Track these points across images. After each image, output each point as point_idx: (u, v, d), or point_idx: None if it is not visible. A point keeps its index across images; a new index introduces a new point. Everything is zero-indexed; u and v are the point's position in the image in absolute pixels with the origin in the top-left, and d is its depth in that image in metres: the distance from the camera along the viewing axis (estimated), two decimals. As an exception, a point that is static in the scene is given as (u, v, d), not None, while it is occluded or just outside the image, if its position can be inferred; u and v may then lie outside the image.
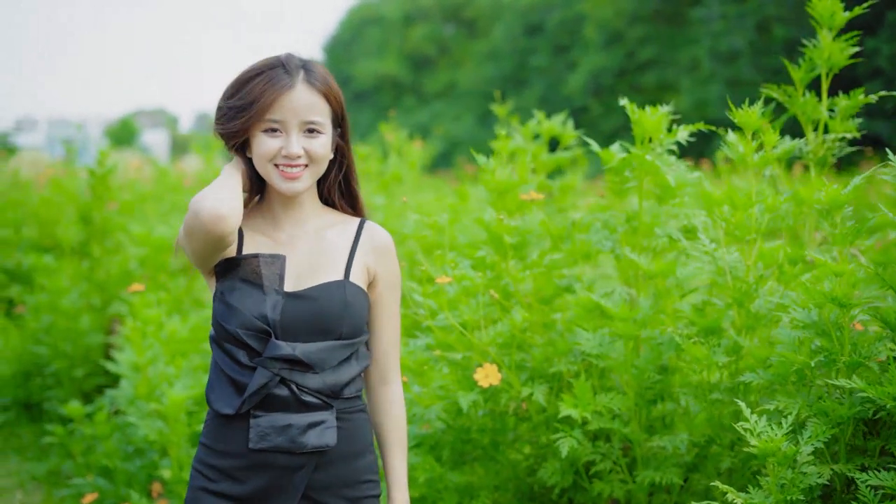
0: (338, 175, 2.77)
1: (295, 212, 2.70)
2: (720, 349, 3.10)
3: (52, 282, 7.08)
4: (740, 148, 3.13)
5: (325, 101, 2.62)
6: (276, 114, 2.58)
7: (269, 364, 2.52)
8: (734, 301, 3.16)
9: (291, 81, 2.59)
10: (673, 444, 3.21)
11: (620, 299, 3.37)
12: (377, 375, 2.76)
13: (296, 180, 2.60)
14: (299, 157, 2.59)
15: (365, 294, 2.65)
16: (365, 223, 2.76)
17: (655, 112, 3.46)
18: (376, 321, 2.74)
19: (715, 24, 21.98)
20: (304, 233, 2.68)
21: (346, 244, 2.69)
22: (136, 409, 4.84)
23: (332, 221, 2.73)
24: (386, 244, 2.73)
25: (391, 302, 2.74)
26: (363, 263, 2.67)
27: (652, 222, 3.47)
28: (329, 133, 2.64)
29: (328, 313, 2.56)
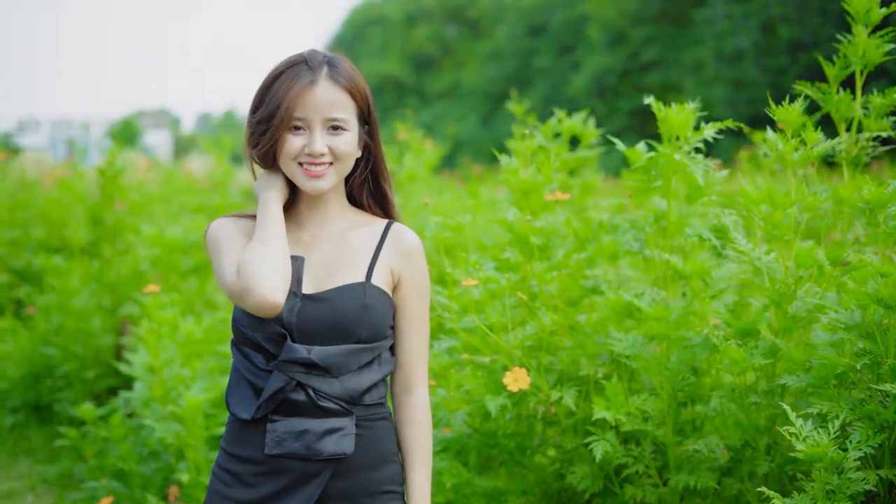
0: (364, 173, 2.69)
1: (320, 212, 2.63)
2: (758, 351, 3.03)
3: (63, 282, 7.01)
4: (779, 146, 3.06)
5: (349, 97, 2.55)
6: (300, 111, 2.52)
7: (284, 367, 2.46)
8: (771, 302, 3.10)
9: (314, 77, 2.53)
10: (708, 447, 3.14)
11: (653, 300, 3.30)
12: (401, 383, 2.66)
13: (319, 178, 2.53)
14: (323, 154, 2.52)
15: (388, 297, 2.56)
16: (392, 225, 2.67)
17: (683, 110, 3.40)
18: (401, 326, 2.63)
19: (719, 25, 21.93)
20: (329, 234, 2.61)
21: (370, 246, 2.61)
22: (152, 412, 4.77)
23: (358, 223, 2.66)
24: (412, 246, 2.63)
25: (417, 306, 2.64)
26: (387, 266, 2.58)
27: (681, 222, 3.40)
28: (355, 130, 2.56)
29: (346, 316, 2.48)
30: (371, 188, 2.72)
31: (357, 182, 2.69)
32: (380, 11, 43.28)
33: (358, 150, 2.59)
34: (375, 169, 2.70)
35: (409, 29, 41.61)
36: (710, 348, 3.19)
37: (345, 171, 2.57)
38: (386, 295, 2.56)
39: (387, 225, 2.66)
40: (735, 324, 3.17)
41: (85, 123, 11.20)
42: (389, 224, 2.66)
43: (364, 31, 43.09)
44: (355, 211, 2.69)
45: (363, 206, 2.72)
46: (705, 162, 3.40)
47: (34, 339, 7.17)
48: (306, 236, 2.60)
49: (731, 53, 21.38)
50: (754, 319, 3.14)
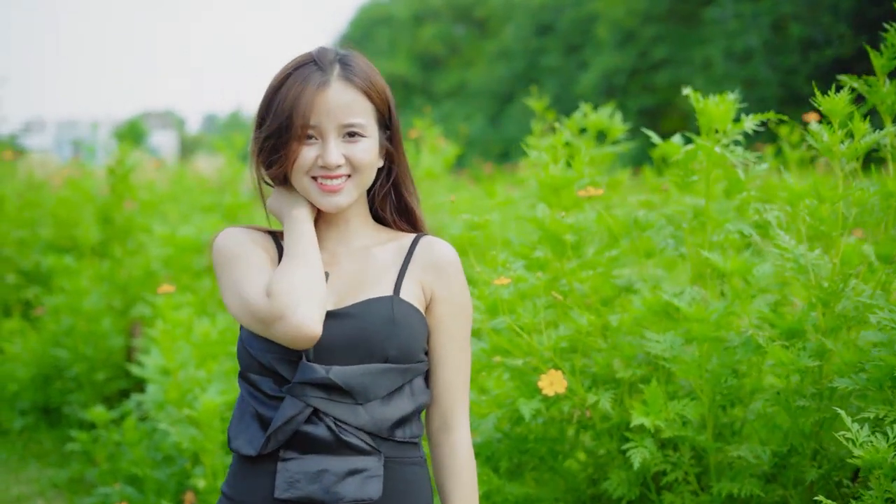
0: (386, 185, 2.38)
1: (340, 229, 2.33)
2: (805, 352, 2.89)
3: (73, 283, 6.89)
4: (825, 137, 2.92)
5: (366, 99, 2.25)
6: (311, 118, 2.21)
7: (299, 391, 2.13)
8: (818, 301, 2.96)
9: (325, 78, 2.23)
10: (754, 453, 3.00)
11: (692, 299, 3.17)
12: (438, 419, 2.31)
13: (337, 193, 2.23)
14: (339, 166, 2.22)
15: (420, 314, 2.25)
16: (421, 237, 2.35)
17: (723, 101, 3.27)
18: (437, 351, 2.29)
19: (729, 24, 21.79)
20: (350, 251, 2.32)
21: (397, 260, 2.30)
22: (166, 415, 4.65)
23: (383, 238, 2.36)
24: (446, 259, 2.30)
25: (456, 328, 2.30)
26: (417, 280, 2.27)
27: (721, 218, 3.27)
28: (374, 137, 2.27)
29: (372, 332, 2.16)
30: (394, 202, 2.41)
31: (379, 195, 2.39)
32: (387, 11, 43.18)
33: (379, 159, 2.32)
34: (399, 180, 2.39)
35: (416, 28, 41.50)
36: (754, 349, 3.05)
37: (365, 184, 2.28)
38: (417, 312, 2.25)
39: (415, 238, 2.35)
40: (780, 324, 3.03)
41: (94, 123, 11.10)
42: (418, 237, 2.36)
43: (371, 31, 42.99)
44: (380, 228, 2.40)
45: (388, 222, 2.42)
46: (745, 155, 3.27)
47: (43, 341, 7.06)
48: (325, 255, 2.31)
49: (741, 52, 21.25)
50: (801, 319, 3.00)
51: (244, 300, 2.14)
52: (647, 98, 25.41)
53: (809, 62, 19.57)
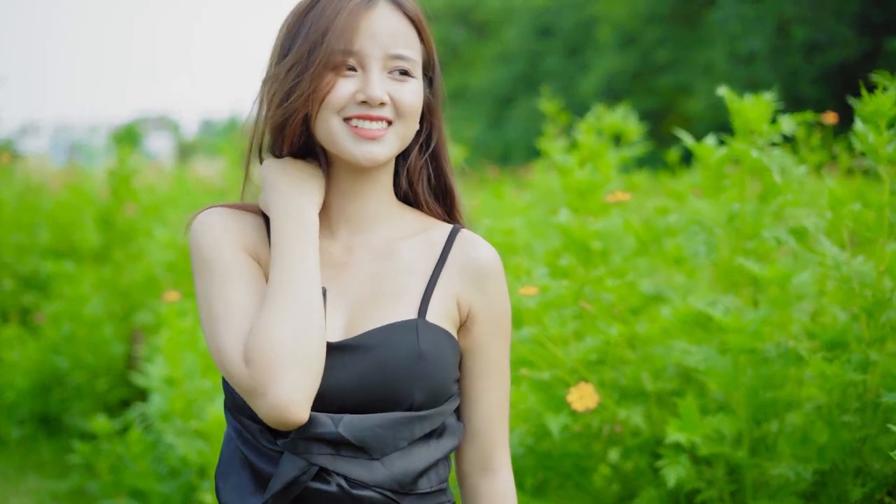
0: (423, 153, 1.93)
1: (357, 209, 1.87)
2: (850, 365, 2.75)
3: (73, 289, 6.74)
4: (870, 138, 2.78)
5: (415, 32, 1.85)
6: (352, 42, 1.77)
7: (301, 448, 1.72)
8: (862, 311, 2.81)
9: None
10: (795, 470, 2.86)
11: (727, 309, 3.03)
12: (475, 459, 1.93)
13: (375, 141, 1.78)
14: (383, 104, 1.78)
15: (452, 340, 1.83)
16: (459, 232, 1.89)
17: (759, 102, 3.14)
18: (474, 379, 1.89)
19: (732, 26, 21.70)
20: (369, 245, 1.87)
21: (428, 264, 1.86)
22: (171, 426, 4.50)
23: (411, 228, 1.91)
24: (489, 265, 1.87)
25: (497, 351, 1.89)
26: (451, 293, 1.84)
27: (757, 224, 3.13)
28: (420, 81, 1.85)
29: (392, 374, 1.74)
30: (431, 176, 1.95)
31: (413, 166, 1.93)
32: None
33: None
34: (438, 149, 1.94)
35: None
36: (793, 361, 2.91)
37: (406, 139, 1.84)
38: (449, 337, 1.82)
39: (451, 232, 1.89)
40: (822, 335, 2.89)
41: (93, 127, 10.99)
42: (455, 231, 1.90)
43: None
44: (407, 209, 1.94)
45: (419, 202, 1.95)
46: (782, 157, 3.13)
47: (43, 349, 6.90)
48: (337, 249, 1.87)
49: (744, 55, 21.16)
50: (844, 330, 2.86)
51: (220, 358, 1.72)
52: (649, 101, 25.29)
53: (813, 65, 19.49)
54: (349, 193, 1.87)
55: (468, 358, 1.88)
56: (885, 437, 2.78)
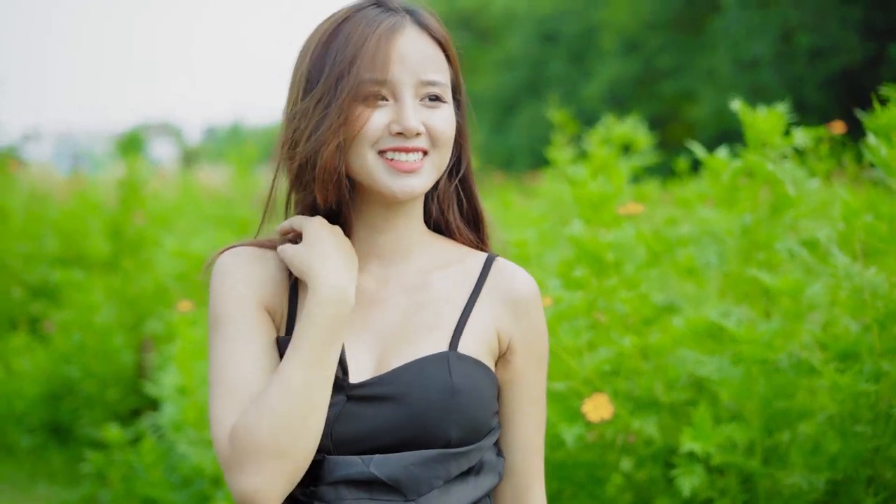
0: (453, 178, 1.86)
1: (389, 242, 1.79)
2: (863, 376, 2.77)
3: (83, 298, 6.76)
4: (882, 151, 2.81)
5: (442, 53, 1.76)
6: (384, 70, 1.68)
7: (329, 494, 1.66)
8: (874, 322, 2.84)
9: (397, 21, 1.73)
10: (808, 480, 2.88)
11: (740, 320, 3.05)
12: (510, 493, 1.86)
13: (413, 174, 1.70)
14: (418, 134, 1.70)
15: (489, 372, 1.76)
16: (494, 261, 1.83)
17: (772, 114, 3.17)
18: (512, 411, 1.82)
19: (736, 32, 21.73)
20: (401, 278, 1.80)
21: (462, 294, 1.78)
22: (184, 436, 4.52)
23: (444, 258, 1.84)
24: (528, 295, 1.80)
25: (535, 382, 1.83)
26: (489, 324, 1.77)
27: (770, 235, 3.15)
28: (451, 108, 1.77)
29: (424, 412, 1.66)
30: (462, 202, 1.88)
31: (444, 192, 1.86)
32: (388, 21, 43.17)
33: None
34: (466, 173, 1.88)
35: (417, 38, 41.52)
36: (806, 372, 2.94)
37: (442, 169, 1.77)
38: (486, 370, 1.75)
39: (486, 261, 1.83)
40: (834, 345, 2.91)
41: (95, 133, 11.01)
42: (490, 260, 1.83)
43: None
44: (438, 238, 1.88)
45: (451, 230, 1.88)
46: (794, 170, 3.16)
47: (53, 357, 6.92)
48: (369, 282, 1.79)
49: (749, 61, 21.18)
50: (857, 341, 2.88)
51: (210, 420, 1.66)
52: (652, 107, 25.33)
53: (817, 71, 19.50)
54: (380, 227, 1.79)
55: (507, 389, 1.82)
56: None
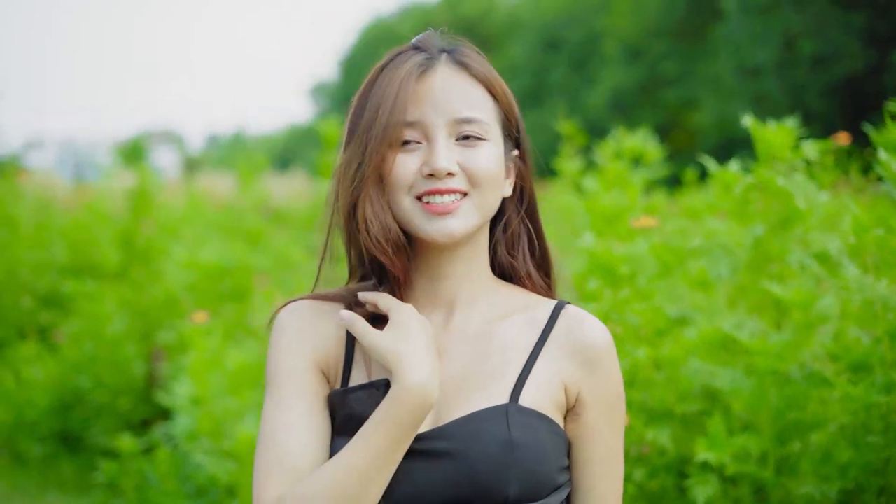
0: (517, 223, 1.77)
1: (447, 291, 1.73)
2: (875, 387, 2.82)
3: (95, 308, 6.80)
4: (893, 166, 2.86)
5: (485, 91, 1.70)
6: (408, 112, 1.65)
7: None
8: (885, 334, 2.88)
9: (429, 61, 1.70)
10: (820, 489, 2.92)
11: (753, 332, 3.10)
12: None
13: (450, 215, 1.63)
14: (451, 174, 1.63)
15: (553, 425, 1.66)
16: (563, 309, 1.73)
17: (782, 129, 3.21)
18: (585, 469, 1.70)
19: (738, 39, 21.78)
20: (463, 329, 1.72)
21: (527, 344, 1.69)
22: (199, 446, 4.57)
23: (510, 306, 1.74)
24: (599, 345, 1.70)
25: (610, 437, 1.71)
26: (555, 376, 1.68)
27: (781, 248, 3.20)
28: (499, 144, 1.70)
29: (480, 464, 1.58)
30: (529, 246, 1.78)
31: (509, 237, 1.77)
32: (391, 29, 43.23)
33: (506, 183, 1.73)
34: (535, 216, 1.79)
35: (419, 46, 41.61)
36: (817, 383, 2.98)
37: (488, 209, 1.69)
38: (549, 423, 1.65)
39: (555, 309, 1.73)
40: (845, 357, 2.96)
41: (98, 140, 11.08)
42: (559, 308, 1.73)
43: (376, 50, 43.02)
44: (504, 285, 1.79)
45: (520, 276, 1.79)
46: (804, 183, 3.20)
47: (64, 367, 6.96)
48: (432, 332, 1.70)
49: (751, 68, 21.22)
50: (869, 353, 2.93)
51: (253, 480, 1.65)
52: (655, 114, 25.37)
53: (820, 78, 19.53)
54: (437, 276, 1.73)
55: (578, 446, 1.71)
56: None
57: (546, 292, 1.81)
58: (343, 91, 44.12)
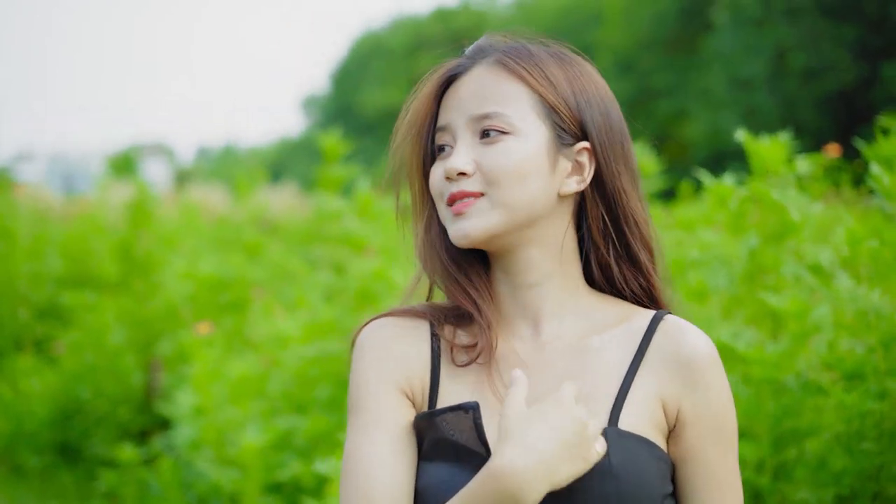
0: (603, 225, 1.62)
1: (535, 301, 1.62)
2: (869, 395, 2.89)
3: (95, 319, 6.85)
4: (885, 180, 2.93)
5: (520, 83, 1.59)
6: (442, 117, 1.62)
7: None
8: (879, 343, 2.96)
9: (464, 64, 1.64)
10: (816, 496, 2.99)
11: (750, 342, 3.17)
12: None
13: (462, 217, 1.56)
14: (463, 174, 1.56)
15: (656, 450, 1.55)
16: (662, 320, 1.61)
17: (775, 143, 3.29)
18: (690, 495, 1.59)
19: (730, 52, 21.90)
20: (556, 343, 1.61)
21: (624, 359, 1.58)
22: (201, 455, 4.62)
23: (607, 318, 1.63)
24: (700, 356, 1.57)
25: (715, 459, 1.58)
26: (654, 393, 1.56)
27: (776, 260, 3.28)
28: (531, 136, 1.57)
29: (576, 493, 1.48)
30: (621, 249, 1.63)
31: (596, 240, 1.63)
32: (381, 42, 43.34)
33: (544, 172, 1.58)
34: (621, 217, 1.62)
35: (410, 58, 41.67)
36: (812, 391, 3.06)
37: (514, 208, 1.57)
38: (652, 447, 1.54)
39: (653, 320, 1.61)
40: (840, 366, 3.03)
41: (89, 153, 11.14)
42: (658, 318, 1.61)
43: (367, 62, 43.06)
44: (599, 296, 1.67)
45: (616, 284, 1.66)
46: (798, 197, 3.28)
47: (62, 378, 7.00)
48: (521, 347, 1.62)
49: (743, 81, 21.34)
50: (863, 361, 3.00)
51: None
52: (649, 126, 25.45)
53: (811, 91, 19.67)
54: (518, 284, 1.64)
55: (682, 469, 1.58)
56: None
57: (647, 301, 1.67)
58: (334, 103, 44.16)
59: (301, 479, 4.13)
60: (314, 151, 7.02)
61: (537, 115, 1.59)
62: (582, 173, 1.62)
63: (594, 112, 1.64)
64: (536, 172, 1.58)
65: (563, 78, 1.63)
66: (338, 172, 5.56)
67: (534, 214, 1.59)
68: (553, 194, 1.60)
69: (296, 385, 4.59)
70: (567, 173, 1.62)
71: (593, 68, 1.71)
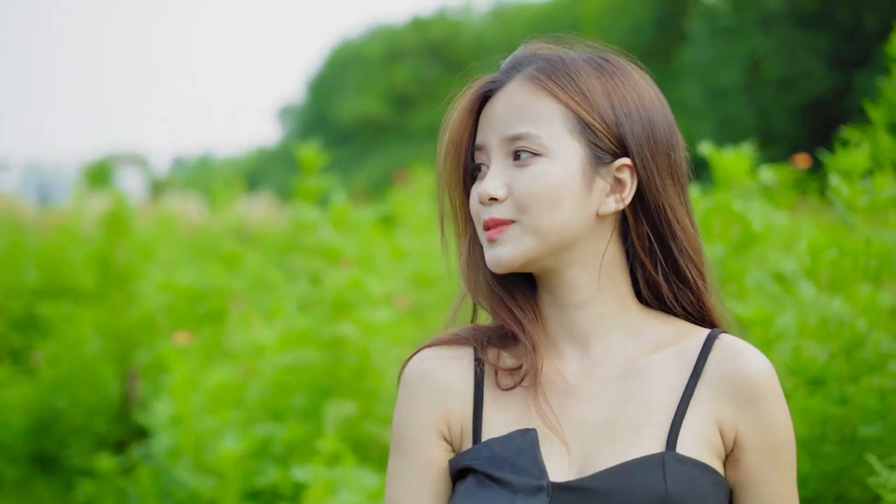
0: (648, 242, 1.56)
1: (583, 322, 1.57)
2: (830, 400, 2.98)
3: (72, 330, 6.88)
4: (844, 191, 3.02)
5: (553, 100, 1.52)
6: (479, 136, 1.57)
7: None
8: (840, 350, 3.05)
9: (499, 79, 1.59)
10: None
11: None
12: None
13: (495, 243, 1.51)
14: (493, 199, 1.51)
15: (714, 475, 1.50)
16: (717, 339, 1.55)
17: (739, 155, 3.38)
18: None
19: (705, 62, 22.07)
20: (607, 365, 1.56)
21: (678, 381, 1.53)
22: (180, 463, 4.67)
23: (658, 338, 1.58)
24: (757, 378, 1.52)
25: (775, 484, 1.53)
26: (710, 417, 1.52)
27: (741, 269, 3.36)
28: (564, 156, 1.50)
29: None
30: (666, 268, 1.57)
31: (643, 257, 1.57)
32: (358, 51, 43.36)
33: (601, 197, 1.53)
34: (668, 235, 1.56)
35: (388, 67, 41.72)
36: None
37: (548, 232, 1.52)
38: (711, 473, 1.50)
39: (707, 339, 1.55)
40: (803, 372, 3.12)
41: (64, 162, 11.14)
42: (712, 338, 1.56)
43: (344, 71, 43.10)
44: (650, 314, 1.61)
45: (666, 302, 1.60)
46: (761, 207, 3.37)
47: (39, 389, 7.01)
48: (568, 369, 1.57)
49: (718, 90, 21.50)
50: (825, 368, 3.09)
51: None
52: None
53: (786, 100, 19.82)
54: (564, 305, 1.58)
55: (740, 495, 1.54)
56: (862, 467, 2.99)
57: (698, 318, 1.61)
58: (310, 113, 44.11)
59: (279, 486, 4.19)
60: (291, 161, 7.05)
61: (571, 133, 1.52)
62: (622, 191, 1.55)
63: (634, 124, 1.56)
64: (570, 196, 1.51)
65: (600, 90, 1.55)
66: (315, 183, 5.61)
67: (568, 238, 1.53)
68: (590, 215, 1.54)
69: (272, 393, 4.64)
70: (605, 192, 1.55)
71: (641, 74, 1.64)
